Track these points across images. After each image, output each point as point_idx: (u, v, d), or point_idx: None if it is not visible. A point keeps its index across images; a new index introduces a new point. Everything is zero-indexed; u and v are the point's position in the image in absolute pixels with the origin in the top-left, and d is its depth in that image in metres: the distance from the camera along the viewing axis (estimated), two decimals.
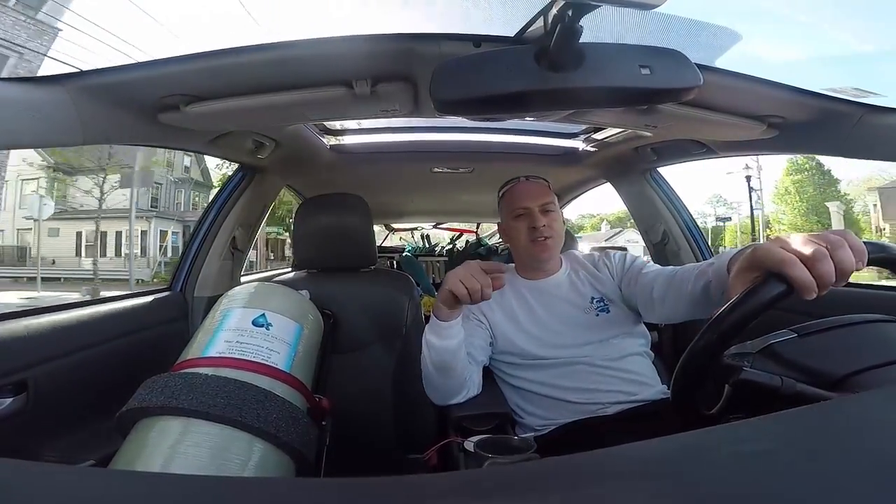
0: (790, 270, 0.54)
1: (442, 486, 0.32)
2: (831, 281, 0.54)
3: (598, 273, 1.28)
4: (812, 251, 0.54)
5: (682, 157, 1.65)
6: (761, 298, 0.56)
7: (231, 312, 1.00)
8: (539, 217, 1.22)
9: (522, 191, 1.28)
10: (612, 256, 1.30)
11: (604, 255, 1.32)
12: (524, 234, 1.24)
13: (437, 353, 1.03)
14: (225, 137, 1.31)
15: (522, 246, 1.25)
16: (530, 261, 1.29)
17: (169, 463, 0.75)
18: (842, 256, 0.54)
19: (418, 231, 4.26)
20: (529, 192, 1.27)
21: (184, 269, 1.59)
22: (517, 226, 1.25)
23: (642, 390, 1.11)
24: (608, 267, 1.28)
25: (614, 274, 1.26)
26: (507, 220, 1.29)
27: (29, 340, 0.98)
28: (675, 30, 0.89)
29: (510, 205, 1.28)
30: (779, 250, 0.55)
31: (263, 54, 0.90)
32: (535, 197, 1.25)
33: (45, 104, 0.85)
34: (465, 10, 1.00)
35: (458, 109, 0.81)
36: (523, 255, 1.29)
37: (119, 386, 0.92)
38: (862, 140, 1.05)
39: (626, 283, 1.21)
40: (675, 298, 1.02)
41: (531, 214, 1.23)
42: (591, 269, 1.30)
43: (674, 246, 1.90)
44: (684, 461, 0.33)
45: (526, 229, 1.23)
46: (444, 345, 1.02)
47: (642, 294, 1.13)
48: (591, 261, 1.33)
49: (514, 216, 1.26)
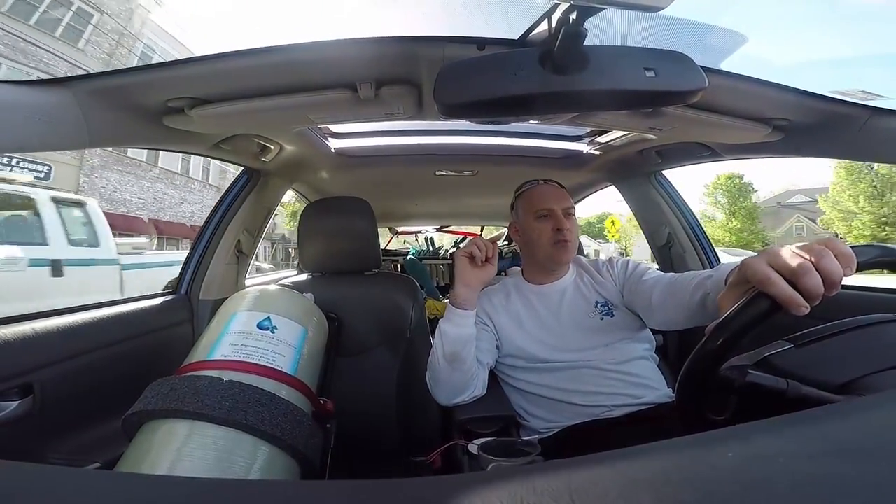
0: (773, 289, 0.53)
1: (446, 489, 0.32)
2: (819, 293, 0.53)
3: (602, 279, 1.28)
4: (795, 265, 0.53)
5: (686, 159, 1.65)
6: (749, 315, 0.55)
7: (236, 315, 1.01)
8: (564, 219, 1.22)
9: (546, 192, 1.28)
10: (616, 263, 1.31)
11: (608, 261, 1.33)
12: (547, 235, 1.23)
13: (451, 343, 1.05)
14: (230, 140, 1.31)
15: (543, 247, 1.24)
16: (548, 264, 1.28)
17: (175, 465, 0.75)
18: (827, 266, 0.53)
19: (422, 234, 4.27)
20: (553, 194, 1.27)
21: (189, 273, 1.60)
22: (539, 227, 1.24)
23: (647, 393, 1.11)
24: (612, 273, 1.28)
25: (617, 280, 1.26)
26: (528, 220, 1.27)
27: (35, 343, 0.98)
28: (679, 32, 0.89)
29: (532, 205, 1.27)
30: (763, 268, 0.55)
31: (268, 57, 0.91)
32: (559, 200, 1.25)
33: (51, 107, 0.85)
34: (469, 14, 1.00)
35: (461, 112, 0.81)
36: (542, 257, 1.27)
37: (125, 389, 0.93)
38: (868, 143, 1.05)
39: (629, 289, 1.21)
40: (673, 306, 1.03)
41: (556, 216, 1.23)
42: (595, 274, 1.30)
43: (679, 249, 1.89)
44: (688, 464, 0.33)
45: (550, 231, 1.23)
46: (459, 333, 1.05)
47: (642, 299, 1.13)
48: (596, 266, 1.33)
49: (537, 217, 1.25)
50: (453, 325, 1.06)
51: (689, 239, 1.87)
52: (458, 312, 1.06)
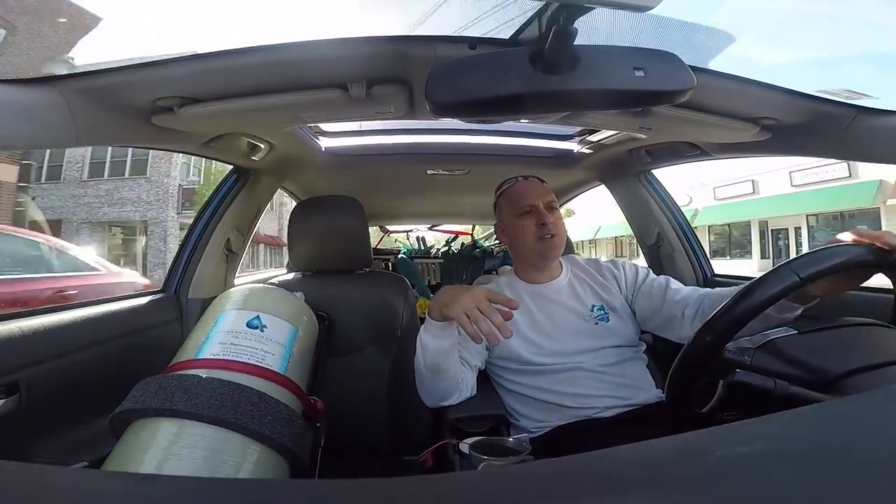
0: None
1: (437, 488, 0.32)
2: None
3: (604, 281, 1.26)
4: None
5: (676, 159, 1.66)
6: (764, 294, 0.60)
7: (225, 314, 1.00)
8: (547, 214, 1.21)
9: (526, 188, 1.27)
10: (623, 267, 1.29)
11: (611, 263, 1.31)
12: (532, 231, 1.21)
13: (431, 355, 1.00)
14: (219, 139, 1.30)
15: (529, 245, 1.22)
16: (537, 260, 1.26)
17: (163, 464, 0.75)
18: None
19: (414, 233, 4.25)
20: (534, 189, 1.26)
21: (178, 271, 1.58)
22: (523, 224, 1.22)
23: (637, 395, 1.11)
24: (616, 277, 1.27)
25: (623, 286, 1.25)
26: (511, 218, 1.26)
27: (21, 342, 0.97)
28: (668, 31, 0.89)
29: (514, 203, 1.25)
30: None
31: (258, 56, 0.90)
32: (541, 194, 1.24)
33: (38, 105, 0.84)
34: (461, 13, 1.00)
35: (453, 112, 0.81)
36: (529, 255, 1.26)
37: (112, 387, 0.92)
38: (855, 142, 1.06)
39: (643, 298, 1.21)
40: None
41: (538, 211, 1.21)
42: (595, 275, 1.28)
43: (668, 248, 1.90)
44: (676, 463, 0.33)
45: (534, 227, 1.21)
46: (438, 345, 0.98)
47: (668, 312, 1.14)
48: (595, 267, 1.31)
49: (520, 213, 1.23)
50: (432, 338, 0.98)
51: (679, 238, 1.88)
52: (437, 324, 0.96)
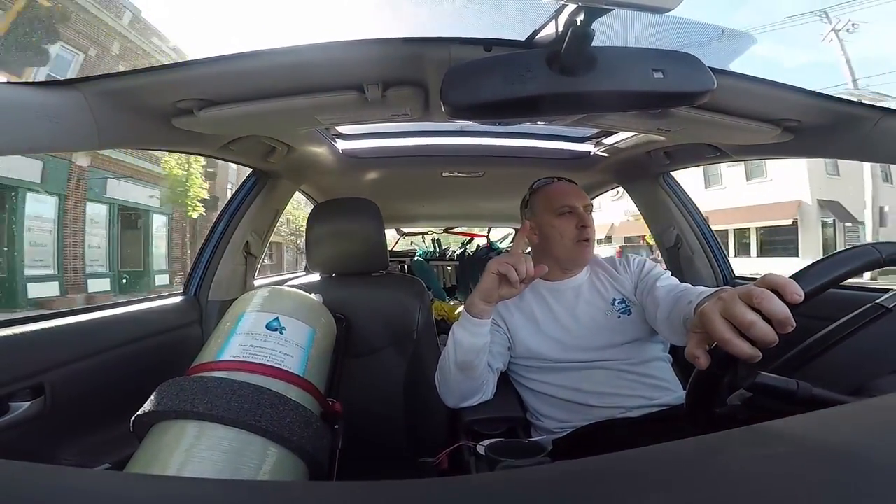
0: (731, 349, 0.52)
1: (453, 490, 0.32)
2: (771, 339, 0.51)
3: (620, 276, 1.26)
4: (741, 319, 0.51)
5: (695, 160, 1.63)
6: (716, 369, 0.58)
7: (245, 316, 1.01)
8: (587, 217, 1.21)
9: (565, 189, 1.26)
10: (632, 261, 1.29)
11: (624, 258, 1.31)
12: (571, 233, 1.20)
13: (464, 352, 1.02)
14: (238, 142, 1.32)
15: (565, 246, 1.21)
16: (568, 263, 1.26)
17: (184, 466, 0.75)
18: (769, 308, 0.50)
19: (429, 235, 4.26)
20: (573, 191, 1.25)
21: (197, 274, 1.61)
22: (561, 224, 1.21)
23: (663, 395, 1.10)
24: (628, 270, 1.27)
25: (632, 277, 1.25)
26: (547, 216, 1.24)
27: (46, 344, 0.99)
28: (688, 33, 0.88)
29: (552, 201, 1.24)
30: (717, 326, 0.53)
31: (276, 59, 0.91)
32: (580, 197, 1.23)
33: (62, 108, 0.86)
34: (476, 15, 1.00)
35: (469, 114, 0.81)
36: (561, 256, 1.24)
37: (134, 389, 0.93)
38: (880, 144, 1.04)
39: (641, 290, 1.20)
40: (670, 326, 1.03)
41: (579, 214, 1.21)
42: (611, 270, 1.28)
43: (687, 251, 1.88)
44: (699, 465, 0.33)
45: (573, 228, 1.20)
46: (473, 342, 1.01)
47: (651, 306, 1.12)
48: (611, 263, 1.31)
49: (558, 213, 1.22)
50: (468, 335, 1.01)
51: (699, 240, 1.86)
52: (474, 321, 1.00)
